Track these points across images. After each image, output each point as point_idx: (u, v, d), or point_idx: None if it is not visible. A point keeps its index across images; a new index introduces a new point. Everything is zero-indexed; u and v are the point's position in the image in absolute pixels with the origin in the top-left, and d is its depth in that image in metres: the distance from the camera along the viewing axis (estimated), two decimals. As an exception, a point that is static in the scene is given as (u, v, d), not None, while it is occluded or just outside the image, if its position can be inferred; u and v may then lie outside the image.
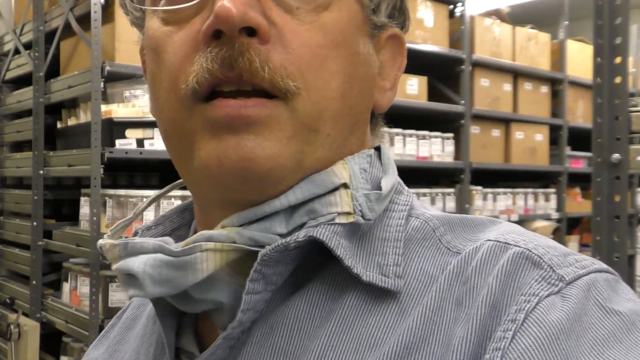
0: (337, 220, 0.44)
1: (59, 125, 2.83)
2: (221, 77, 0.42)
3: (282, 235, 0.44)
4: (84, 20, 2.47)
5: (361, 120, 0.50)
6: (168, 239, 0.45)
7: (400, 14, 0.52)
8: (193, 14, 0.44)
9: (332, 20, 0.45)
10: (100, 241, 0.48)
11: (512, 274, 0.41)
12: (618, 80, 1.24)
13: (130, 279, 0.44)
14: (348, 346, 0.42)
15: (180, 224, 0.56)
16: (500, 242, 0.43)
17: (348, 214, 0.45)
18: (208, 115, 0.43)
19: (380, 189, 0.48)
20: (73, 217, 2.74)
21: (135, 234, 0.52)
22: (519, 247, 0.42)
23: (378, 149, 0.52)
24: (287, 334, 0.44)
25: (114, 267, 0.46)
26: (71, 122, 2.73)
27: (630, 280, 1.27)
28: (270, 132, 0.43)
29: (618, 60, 1.24)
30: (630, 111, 1.22)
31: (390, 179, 0.49)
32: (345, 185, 0.46)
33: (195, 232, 0.51)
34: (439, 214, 0.49)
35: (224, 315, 0.45)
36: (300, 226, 0.45)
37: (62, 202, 3.05)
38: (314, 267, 0.46)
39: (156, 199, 0.58)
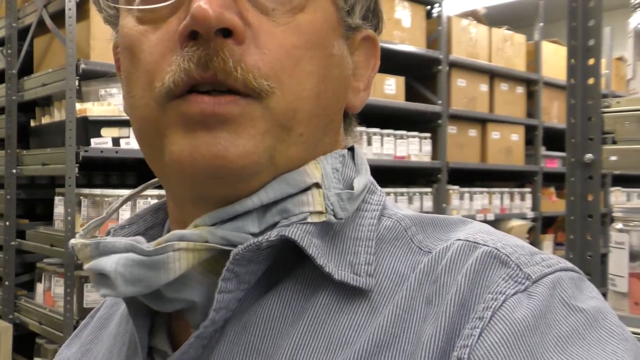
0: (309, 220, 0.44)
1: (32, 123, 2.79)
2: (197, 77, 0.42)
3: (254, 235, 0.44)
4: (58, 17, 2.44)
5: (335, 121, 0.50)
6: (140, 238, 0.45)
7: (374, 16, 0.53)
8: (169, 14, 0.44)
9: (308, 21, 0.45)
10: (72, 241, 0.48)
11: (480, 273, 0.41)
12: (591, 81, 1.26)
13: (102, 278, 0.44)
14: (320, 344, 0.42)
15: (154, 223, 0.55)
16: (470, 241, 0.44)
17: (320, 213, 0.45)
18: (182, 110, 0.43)
19: (352, 188, 0.48)
20: (47, 217, 2.70)
21: (108, 233, 0.52)
22: (488, 246, 0.43)
23: (352, 149, 0.52)
24: (259, 332, 0.44)
25: (85, 266, 0.45)
26: (45, 120, 2.69)
27: (602, 278, 1.29)
28: (243, 129, 0.43)
29: (591, 61, 1.26)
30: (602, 112, 1.24)
31: (363, 179, 0.49)
32: (317, 185, 0.46)
33: (169, 231, 0.51)
34: (411, 213, 0.50)
35: (197, 314, 0.45)
36: (273, 225, 0.45)
37: (35, 201, 3.01)
38: (287, 266, 0.46)
39: (129, 199, 0.57)
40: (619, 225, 1.27)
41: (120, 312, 0.56)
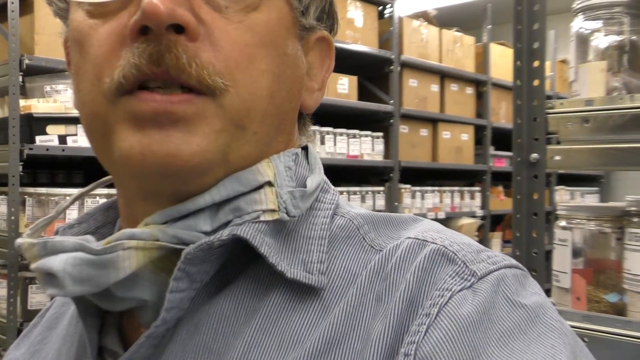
0: (262, 218, 0.45)
1: (-27, 120, 2.69)
2: (148, 72, 0.41)
3: (207, 233, 0.44)
4: (0, 10, 2.35)
5: (288, 120, 0.50)
6: (89, 237, 0.44)
7: (329, 17, 0.53)
8: (119, 8, 0.44)
9: (261, 20, 0.45)
10: (19, 240, 0.47)
11: (428, 270, 0.42)
12: (536, 83, 1.29)
13: (50, 278, 0.43)
14: (272, 343, 0.42)
15: (104, 222, 0.54)
16: (419, 239, 0.45)
17: (273, 211, 0.45)
18: (132, 107, 0.42)
19: (305, 187, 0.48)
20: (-11, 217, 2.60)
21: (56, 232, 0.51)
22: (436, 244, 0.44)
23: (305, 149, 0.53)
24: (212, 331, 0.43)
25: (32, 266, 0.44)
26: (-13, 117, 2.59)
27: (547, 275, 1.33)
28: (197, 128, 0.42)
29: (536, 64, 1.29)
30: (547, 113, 1.28)
31: (316, 178, 0.49)
32: (270, 184, 0.46)
33: (120, 229, 0.50)
34: (363, 212, 0.50)
35: (149, 313, 0.45)
36: (226, 224, 0.45)
37: (-23, 201, 2.89)
38: (240, 264, 0.46)
39: (79, 197, 0.56)
40: (563, 223, 1.32)
41: (70, 312, 0.55)
